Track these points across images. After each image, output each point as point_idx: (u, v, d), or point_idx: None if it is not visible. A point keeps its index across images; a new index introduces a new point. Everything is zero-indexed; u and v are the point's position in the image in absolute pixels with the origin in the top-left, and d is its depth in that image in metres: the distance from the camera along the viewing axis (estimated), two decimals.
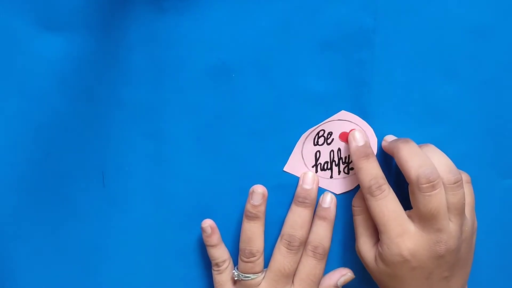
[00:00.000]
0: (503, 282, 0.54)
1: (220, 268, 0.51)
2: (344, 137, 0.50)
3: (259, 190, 0.49)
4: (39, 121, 0.49)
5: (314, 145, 0.50)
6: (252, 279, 0.49)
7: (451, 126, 0.51)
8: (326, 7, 0.48)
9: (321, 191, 0.50)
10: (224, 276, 0.51)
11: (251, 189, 0.49)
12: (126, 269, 0.52)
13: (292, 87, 0.49)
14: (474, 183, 0.50)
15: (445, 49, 0.49)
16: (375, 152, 0.50)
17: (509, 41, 0.50)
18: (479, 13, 0.49)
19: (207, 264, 0.52)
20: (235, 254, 0.51)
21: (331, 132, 0.50)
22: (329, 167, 0.51)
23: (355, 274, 0.52)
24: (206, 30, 0.48)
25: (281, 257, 0.49)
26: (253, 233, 0.49)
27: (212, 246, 0.50)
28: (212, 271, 0.51)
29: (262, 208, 0.49)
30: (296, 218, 0.49)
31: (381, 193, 0.47)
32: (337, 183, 0.51)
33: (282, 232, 0.50)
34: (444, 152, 0.48)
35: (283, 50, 0.48)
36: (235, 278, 0.50)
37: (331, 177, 0.51)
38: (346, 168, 0.51)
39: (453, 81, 0.50)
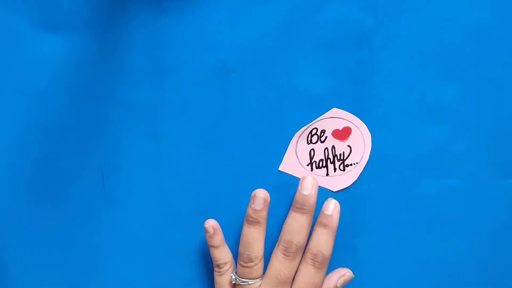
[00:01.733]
0: (503, 282, 0.54)
1: (221, 269, 0.50)
2: (337, 134, 0.50)
3: (261, 195, 0.48)
4: (39, 121, 0.49)
5: (308, 143, 0.50)
6: (250, 284, 0.49)
7: (451, 126, 0.51)
8: (326, 7, 0.48)
9: (321, 191, 0.50)
10: (224, 278, 0.50)
11: (253, 193, 0.49)
12: (126, 269, 0.52)
13: (291, 87, 0.49)
14: (474, 183, 0.50)
15: (445, 49, 0.49)
16: (368, 148, 0.50)
17: (509, 41, 0.50)
18: (479, 13, 0.49)
19: (208, 265, 0.52)
20: (236, 256, 0.51)
21: (324, 130, 0.50)
22: (324, 164, 0.50)
23: (353, 273, 0.51)
24: (206, 30, 0.48)
25: (278, 263, 0.48)
26: (253, 238, 0.48)
27: (215, 247, 0.50)
28: (214, 271, 0.51)
29: (264, 214, 0.48)
30: (294, 224, 0.48)
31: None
32: (333, 181, 0.51)
33: (279, 238, 0.49)
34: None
35: (283, 50, 0.48)
36: (233, 282, 0.50)
37: (327, 174, 0.51)
38: (342, 165, 0.50)
39: (453, 81, 0.50)
